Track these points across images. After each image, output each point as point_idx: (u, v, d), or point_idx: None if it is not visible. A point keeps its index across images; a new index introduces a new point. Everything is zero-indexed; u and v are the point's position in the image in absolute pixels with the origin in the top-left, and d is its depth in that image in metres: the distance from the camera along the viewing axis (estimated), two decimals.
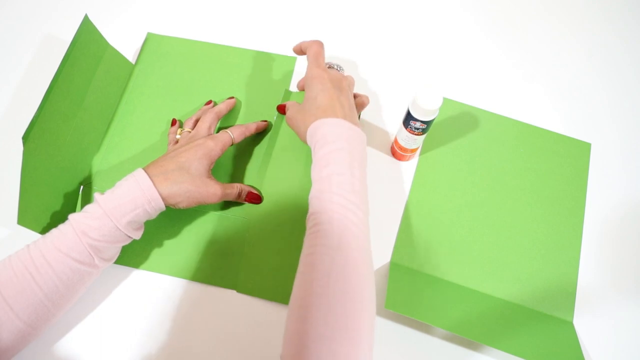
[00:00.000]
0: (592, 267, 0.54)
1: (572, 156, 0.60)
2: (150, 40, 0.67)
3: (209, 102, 0.60)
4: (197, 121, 0.56)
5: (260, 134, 0.60)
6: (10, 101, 0.63)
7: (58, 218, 0.53)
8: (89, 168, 0.58)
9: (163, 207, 0.47)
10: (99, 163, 0.59)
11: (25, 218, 0.48)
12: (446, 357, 0.49)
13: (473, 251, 0.54)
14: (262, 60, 0.65)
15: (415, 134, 0.52)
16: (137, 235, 0.47)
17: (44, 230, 0.50)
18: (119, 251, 0.48)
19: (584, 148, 0.61)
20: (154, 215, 0.47)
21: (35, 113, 0.49)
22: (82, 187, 0.57)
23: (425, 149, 0.60)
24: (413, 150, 0.57)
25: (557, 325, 0.50)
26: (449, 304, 0.50)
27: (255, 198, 0.54)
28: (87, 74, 0.57)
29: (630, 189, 0.59)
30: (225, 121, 0.61)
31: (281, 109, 0.57)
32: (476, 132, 0.61)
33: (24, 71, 0.65)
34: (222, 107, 0.58)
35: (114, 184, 0.57)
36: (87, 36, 0.56)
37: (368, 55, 0.67)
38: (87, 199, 0.57)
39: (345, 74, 0.58)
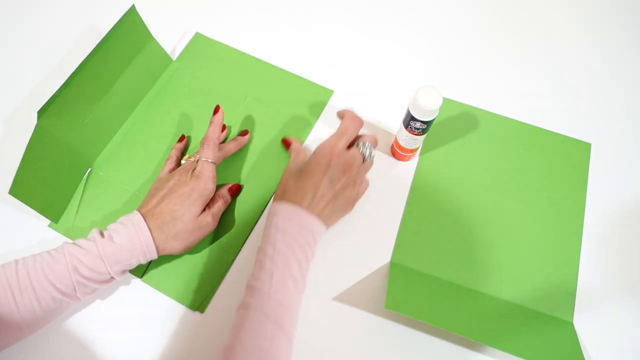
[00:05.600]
0: (592, 267, 0.54)
1: (572, 156, 0.60)
2: (196, 40, 0.67)
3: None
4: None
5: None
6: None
7: (54, 197, 0.53)
8: (101, 153, 0.58)
9: (156, 257, 0.48)
10: (111, 150, 0.59)
11: (18, 189, 0.48)
12: (446, 357, 0.49)
13: (473, 251, 0.54)
14: (300, 86, 0.64)
15: (415, 134, 0.52)
16: (122, 277, 0.48)
17: (34, 204, 0.50)
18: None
19: (584, 148, 0.60)
20: (144, 263, 0.48)
21: (57, 90, 0.49)
22: (89, 170, 0.57)
23: (425, 149, 0.60)
24: (413, 150, 0.57)
25: (557, 325, 0.50)
26: (449, 304, 0.50)
27: (236, 190, 0.55)
28: (122, 62, 0.57)
29: (630, 189, 0.59)
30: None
31: (286, 144, 0.58)
32: (476, 132, 0.61)
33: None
34: (232, 147, 0.57)
35: (119, 174, 0.57)
36: (129, 25, 0.55)
37: (369, 55, 0.67)
38: (92, 183, 0.56)
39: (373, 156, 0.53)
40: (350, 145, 0.51)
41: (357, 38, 0.68)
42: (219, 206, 0.52)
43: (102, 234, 0.46)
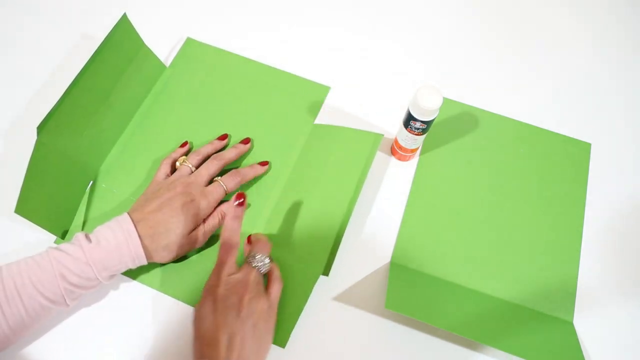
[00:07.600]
0: (592, 267, 0.54)
1: (572, 156, 0.60)
2: (188, 45, 0.66)
3: (224, 137, 0.58)
4: (203, 160, 0.54)
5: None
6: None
7: (60, 212, 0.53)
8: (102, 164, 0.58)
9: (145, 264, 0.47)
10: (112, 161, 0.58)
11: (23, 207, 0.47)
12: (446, 357, 0.49)
13: (473, 251, 0.54)
14: (296, 84, 0.63)
15: (415, 134, 0.52)
16: (111, 281, 0.47)
17: (40, 221, 0.50)
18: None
19: (584, 148, 0.60)
20: (133, 268, 0.47)
21: (55, 105, 0.49)
22: (91, 182, 0.57)
23: (425, 149, 0.60)
24: (413, 150, 0.57)
25: (557, 325, 0.50)
26: (449, 304, 0.50)
27: (240, 201, 0.47)
28: (117, 71, 0.57)
29: (630, 189, 0.59)
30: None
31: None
32: (476, 132, 0.61)
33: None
34: (232, 155, 0.55)
35: (122, 185, 0.56)
36: (122, 34, 0.55)
37: (369, 55, 0.67)
38: (95, 196, 0.56)
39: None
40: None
41: (357, 38, 0.68)
42: (213, 224, 0.51)
43: (88, 238, 0.45)
